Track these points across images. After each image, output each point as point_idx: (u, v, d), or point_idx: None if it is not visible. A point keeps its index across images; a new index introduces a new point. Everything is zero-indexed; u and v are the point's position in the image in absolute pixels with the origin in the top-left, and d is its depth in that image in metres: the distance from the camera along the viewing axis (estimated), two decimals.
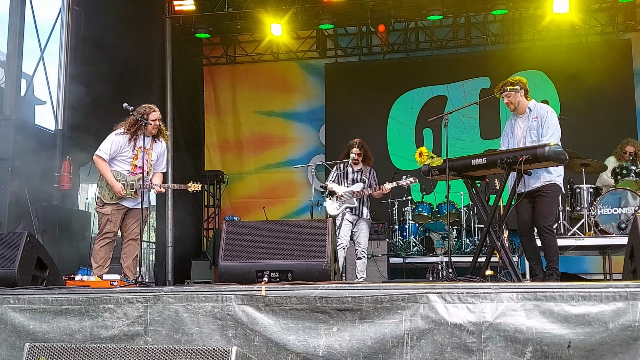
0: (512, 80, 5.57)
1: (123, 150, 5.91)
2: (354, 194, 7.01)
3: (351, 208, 7.02)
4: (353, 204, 7.00)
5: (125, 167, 5.93)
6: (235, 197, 11.46)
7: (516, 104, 5.53)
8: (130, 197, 5.89)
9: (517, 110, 5.57)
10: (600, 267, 8.49)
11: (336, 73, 11.30)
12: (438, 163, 5.53)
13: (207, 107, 11.68)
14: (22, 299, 4.21)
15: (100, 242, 5.89)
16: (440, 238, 8.81)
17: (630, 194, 6.92)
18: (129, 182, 5.88)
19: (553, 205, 5.65)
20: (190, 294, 3.99)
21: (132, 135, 5.89)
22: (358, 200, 7.04)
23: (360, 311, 3.71)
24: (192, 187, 5.95)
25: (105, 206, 5.91)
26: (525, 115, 5.52)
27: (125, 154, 5.92)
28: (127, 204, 5.94)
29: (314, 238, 4.40)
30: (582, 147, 7.91)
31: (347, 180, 7.14)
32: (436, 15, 9.95)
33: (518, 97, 5.50)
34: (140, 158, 5.87)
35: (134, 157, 5.92)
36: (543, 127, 5.33)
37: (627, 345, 3.37)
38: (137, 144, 5.89)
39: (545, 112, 5.41)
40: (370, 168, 7.27)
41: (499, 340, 3.51)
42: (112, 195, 5.87)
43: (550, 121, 5.34)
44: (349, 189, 7.06)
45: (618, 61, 10.09)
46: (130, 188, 5.87)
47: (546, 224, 5.37)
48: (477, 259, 5.55)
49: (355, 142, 7.22)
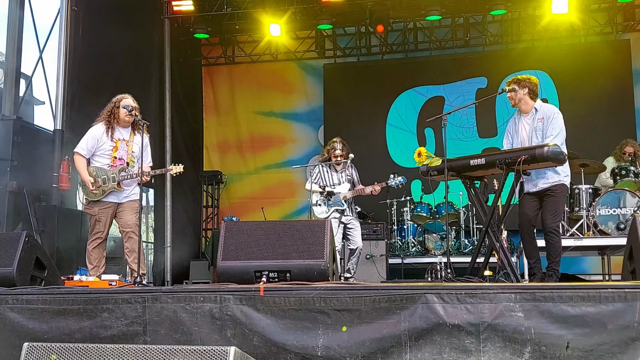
0: (519, 77, 5.54)
1: (101, 143, 5.80)
2: (342, 197, 6.97)
3: (340, 210, 6.97)
4: (341, 205, 6.96)
5: (105, 161, 5.81)
6: (235, 197, 11.46)
7: (517, 101, 5.51)
8: (114, 190, 5.76)
9: (519, 108, 5.56)
10: (599, 268, 8.50)
11: (335, 73, 11.30)
12: (437, 163, 5.53)
13: (206, 107, 11.68)
14: (20, 299, 4.21)
15: (92, 243, 5.83)
16: (438, 239, 8.81)
17: (629, 195, 6.92)
18: (110, 175, 5.76)
19: (561, 206, 5.67)
20: (188, 294, 3.99)
21: (108, 126, 5.81)
22: (346, 201, 7.00)
23: (358, 311, 3.71)
24: (173, 170, 5.83)
25: (92, 205, 5.82)
26: (530, 115, 5.50)
27: (103, 147, 5.81)
28: (112, 199, 5.81)
29: (313, 238, 4.40)
30: (581, 148, 7.91)
31: (332, 182, 7.09)
32: (435, 15, 9.96)
33: (519, 94, 5.49)
34: (119, 149, 5.81)
35: (113, 149, 5.81)
36: (548, 127, 5.32)
37: (626, 346, 3.37)
38: (114, 135, 5.82)
39: (551, 113, 5.39)
40: (353, 165, 7.17)
41: (497, 341, 3.51)
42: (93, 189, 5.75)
43: (556, 122, 5.33)
44: (336, 190, 7.01)
45: (617, 61, 10.08)
46: (112, 181, 5.74)
47: (554, 224, 5.37)
48: (475, 259, 5.56)
49: (336, 141, 7.15)
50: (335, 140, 7.22)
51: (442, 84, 10.74)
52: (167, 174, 8.74)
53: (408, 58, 11.19)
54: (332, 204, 6.97)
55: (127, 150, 5.84)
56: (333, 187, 7.05)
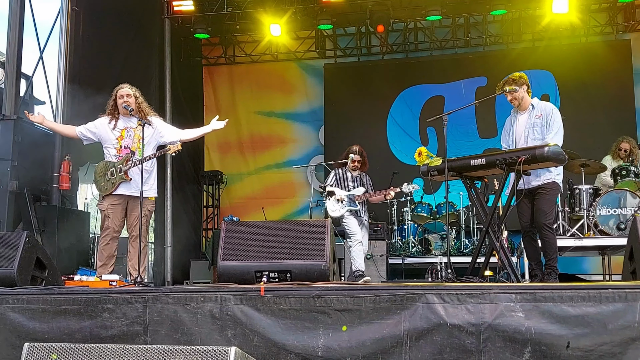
0: (513, 77, 5.56)
1: (103, 133, 5.80)
2: (357, 198, 7.06)
3: (354, 211, 7.06)
4: (355, 207, 7.05)
5: (112, 152, 5.80)
6: (235, 197, 11.46)
7: (520, 99, 5.52)
8: (123, 180, 5.71)
9: (520, 106, 5.56)
10: (600, 268, 8.49)
11: (335, 73, 11.29)
12: (437, 163, 5.52)
13: (207, 107, 11.68)
14: (21, 299, 4.21)
15: (102, 240, 5.79)
16: (439, 239, 8.80)
17: (630, 195, 6.92)
18: (117, 166, 5.72)
19: (553, 204, 5.68)
20: (189, 294, 3.99)
21: (112, 117, 5.81)
22: (360, 203, 7.09)
23: (359, 311, 3.71)
24: (171, 150, 5.74)
25: (103, 200, 5.80)
26: (527, 111, 5.52)
27: (109, 138, 5.80)
28: (123, 191, 5.74)
29: (313, 238, 4.40)
30: (581, 148, 7.91)
31: (347, 185, 7.18)
32: (435, 15, 9.96)
33: (521, 92, 5.51)
34: (125, 138, 5.78)
35: (118, 138, 5.80)
36: (548, 125, 5.35)
37: (626, 346, 3.37)
38: (119, 125, 5.81)
39: (550, 110, 5.43)
40: (367, 174, 7.33)
41: (497, 341, 3.51)
42: (104, 184, 5.73)
43: (556, 119, 5.37)
44: (349, 192, 7.10)
45: (617, 61, 10.09)
46: (119, 172, 5.70)
47: (546, 221, 5.38)
48: (476, 259, 5.55)
49: (356, 148, 7.26)
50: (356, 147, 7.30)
51: (443, 83, 10.74)
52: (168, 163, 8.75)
53: (408, 58, 11.19)
54: (346, 205, 7.04)
55: (132, 138, 5.80)
56: (347, 189, 7.15)
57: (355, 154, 7.20)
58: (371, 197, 7.18)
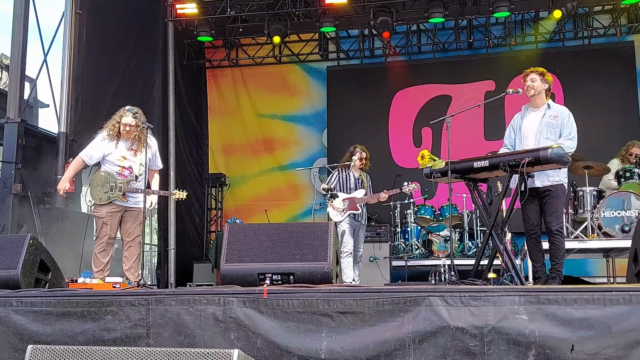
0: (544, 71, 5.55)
1: (108, 152, 5.91)
2: (357, 201, 7.06)
3: (355, 214, 7.06)
4: (357, 209, 7.05)
5: (114, 169, 5.91)
6: (239, 199, 11.47)
7: (537, 91, 5.48)
8: (118, 199, 5.85)
9: (533, 100, 5.54)
10: (604, 270, 8.46)
11: (338, 76, 11.30)
12: (440, 165, 5.51)
13: (210, 110, 11.70)
14: (24, 301, 4.21)
15: (99, 247, 5.86)
16: (442, 240, 8.79)
17: (634, 197, 6.90)
18: (118, 184, 5.84)
19: (562, 206, 5.67)
20: (192, 297, 3.98)
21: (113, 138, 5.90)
22: (361, 206, 7.09)
23: (362, 314, 3.70)
24: (176, 195, 5.98)
25: (100, 208, 5.87)
26: (541, 110, 5.51)
27: (112, 156, 5.91)
28: (120, 202, 5.89)
29: (316, 241, 4.39)
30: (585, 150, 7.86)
31: (349, 187, 7.17)
32: (438, 18, 9.95)
33: (541, 85, 5.49)
34: (128, 159, 5.89)
35: (121, 158, 5.90)
36: (565, 127, 5.38)
37: (631, 349, 3.35)
38: (121, 146, 5.90)
39: (567, 114, 5.46)
40: (367, 174, 7.32)
41: (501, 344, 3.49)
42: (99, 194, 5.84)
43: (573, 123, 5.42)
44: (351, 195, 7.09)
45: (621, 63, 10.07)
46: (118, 190, 5.82)
47: (558, 226, 5.38)
48: (479, 261, 5.54)
49: (360, 147, 7.28)
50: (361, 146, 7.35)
51: (446, 84, 10.73)
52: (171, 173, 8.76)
53: (411, 60, 11.19)
54: (347, 207, 7.04)
55: (135, 161, 5.89)
56: (349, 192, 7.12)
57: (363, 151, 7.23)
58: (368, 200, 7.22)
